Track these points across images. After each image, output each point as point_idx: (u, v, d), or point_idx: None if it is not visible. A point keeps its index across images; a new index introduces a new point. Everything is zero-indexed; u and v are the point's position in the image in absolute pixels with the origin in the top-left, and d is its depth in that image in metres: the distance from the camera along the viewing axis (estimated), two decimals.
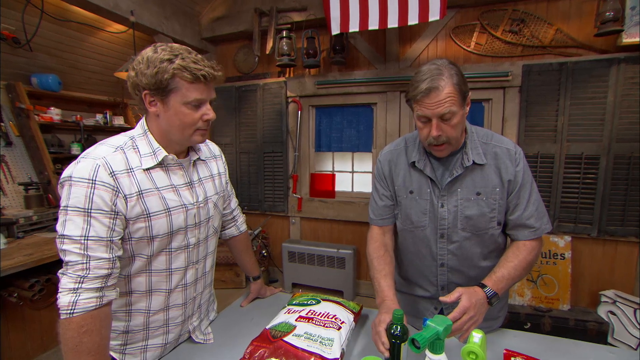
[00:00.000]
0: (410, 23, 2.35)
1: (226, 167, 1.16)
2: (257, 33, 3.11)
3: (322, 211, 3.25)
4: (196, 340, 1.05)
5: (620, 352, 0.99)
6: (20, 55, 2.49)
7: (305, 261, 3.15)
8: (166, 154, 0.89)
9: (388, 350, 0.84)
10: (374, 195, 1.20)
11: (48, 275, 1.95)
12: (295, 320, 1.00)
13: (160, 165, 0.89)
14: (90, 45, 2.92)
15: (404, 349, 0.85)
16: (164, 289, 0.93)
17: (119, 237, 0.81)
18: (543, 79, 2.45)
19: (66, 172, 0.78)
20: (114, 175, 0.79)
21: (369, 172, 3.20)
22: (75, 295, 0.73)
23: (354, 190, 3.30)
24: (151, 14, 2.77)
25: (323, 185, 3.34)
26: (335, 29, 2.55)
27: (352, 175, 3.31)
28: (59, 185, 0.79)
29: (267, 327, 1.00)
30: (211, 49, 3.52)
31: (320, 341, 0.91)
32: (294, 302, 1.13)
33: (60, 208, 0.76)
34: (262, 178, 3.42)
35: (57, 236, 0.76)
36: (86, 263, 0.75)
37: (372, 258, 1.12)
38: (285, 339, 0.92)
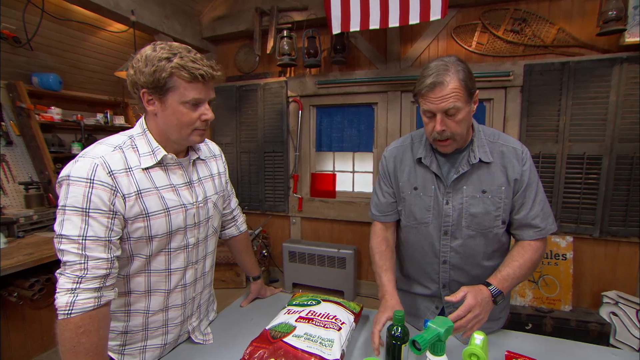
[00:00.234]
0: (411, 22, 2.35)
1: (226, 167, 1.16)
2: (258, 32, 3.10)
3: (323, 211, 3.25)
4: (195, 340, 1.05)
5: (622, 354, 0.99)
6: (21, 54, 2.49)
7: (306, 261, 3.14)
8: (165, 153, 0.88)
9: (380, 350, 0.84)
10: (377, 191, 1.21)
11: (48, 274, 1.94)
12: (295, 320, 1.00)
13: (160, 164, 0.88)
14: (91, 44, 2.92)
15: (405, 351, 0.84)
16: (163, 289, 0.92)
17: (118, 237, 0.80)
18: (545, 79, 2.44)
19: (64, 172, 0.77)
20: (113, 174, 0.79)
21: (370, 172, 3.20)
22: (73, 295, 0.73)
23: (355, 190, 3.29)
24: (152, 13, 2.77)
25: (324, 185, 3.33)
26: (336, 29, 2.55)
27: (353, 175, 3.30)
28: (56, 184, 0.79)
29: (267, 328, 0.99)
30: (212, 49, 3.52)
31: (320, 342, 0.90)
32: (294, 303, 1.13)
33: (58, 207, 0.76)
34: (263, 178, 3.42)
35: (55, 236, 0.75)
36: (84, 263, 0.74)
37: (374, 253, 1.16)
38: (285, 339, 0.91)
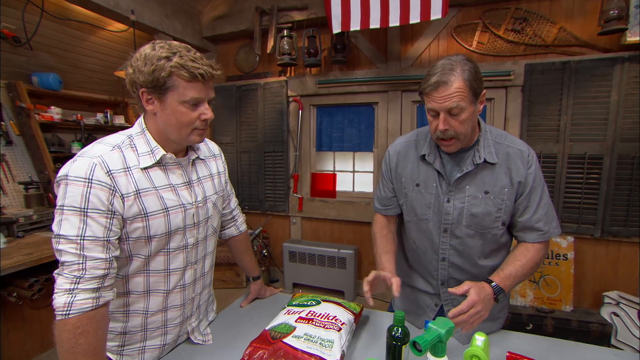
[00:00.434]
0: (412, 22, 2.34)
1: (226, 167, 1.15)
2: (258, 32, 3.10)
3: (323, 211, 3.24)
4: (195, 341, 1.05)
5: (624, 355, 0.98)
6: (20, 54, 2.49)
7: (306, 261, 3.14)
8: (164, 153, 0.87)
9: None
10: (380, 185, 1.24)
11: (47, 274, 1.94)
12: (295, 321, 0.99)
13: (159, 164, 0.88)
14: (91, 44, 2.91)
15: (405, 352, 0.84)
16: (162, 289, 0.92)
17: (116, 237, 0.80)
18: (546, 78, 2.43)
19: (62, 171, 0.76)
20: (111, 174, 0.78)
21: (370, 172, 3.19)
22: (71, 296, 0.72)
23: (355, 190, 3.28)
24: (152, 12, 2.76)
25: (324, 185, 3.32)
26: (336, 28, 2.54)
27: (353, 175, 3.30)
28: (55, 184, 0.78)
29: (267, 328, 0.99)
30: (212, 48, 3.52)
31: (320, 343, 0.90)
32: (294, 303, 1.12)
33: (56, 207, 0.75)
34: (263, 178, 3.41)
35: (53, 236, 0.75)
36: (82, 263, 0.74)
37: (376, 237, 1.20)
38: (284, 340, 0.91)
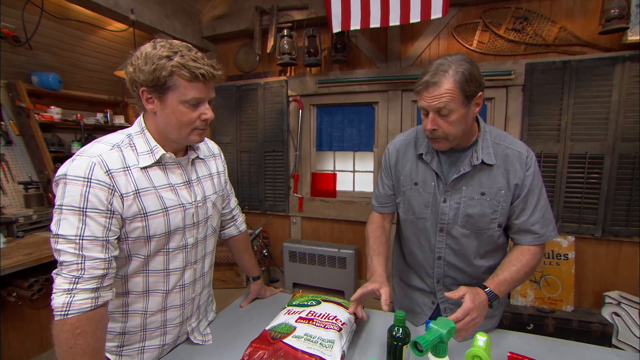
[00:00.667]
0: (412, 21, 2.33)
1: (225, 166, 1.15)
2: (258, 32, 3.09)
3: (323, 211, 3.24)
4: (194, 341, 1.04)
5: (625, 355, 0.98)
6: (20, 53, 2.48)
7: (306, 261, 3.13)
8: (164, 152, 0.87)
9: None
10: (378, 182, 1.24)
11: (47, 274, 1.94)
12: (295, 321, 0.99)
13: (158, 163, 0.87)
14: (91, 43, 2.91)
15: (406, 352, 0.84)
16: (161, 289, 0.91)
17: (115, 237, 0.79)
18: (546, 78, 2.42)
19: (61, 170, 0.76)
20: (110, 173, 0.78)
21: (371, 172, 3.18)
22: (70, 296, 0.72)
23: (355, 189, 3.28)
24: (152, 12, 2.76)
25: (324, 185, 3.32)
26: (336, 27, 2.53)
27: (354, 174, 3.29)
28: (53, 183, 0.78)
29: (267, 328, 0.98)
30: (212, 48, 3.51)
31: (320, 343, 0.89)
32: (294, 303, 1.12)
33: (55, 207, 0.75)
34: (263, 177, 3.41)
35: (52, 235, 0.74)
36: (81, 263, 0.73)
37: (369, 237, 1.20)
38: (284, 340, 0.90)
